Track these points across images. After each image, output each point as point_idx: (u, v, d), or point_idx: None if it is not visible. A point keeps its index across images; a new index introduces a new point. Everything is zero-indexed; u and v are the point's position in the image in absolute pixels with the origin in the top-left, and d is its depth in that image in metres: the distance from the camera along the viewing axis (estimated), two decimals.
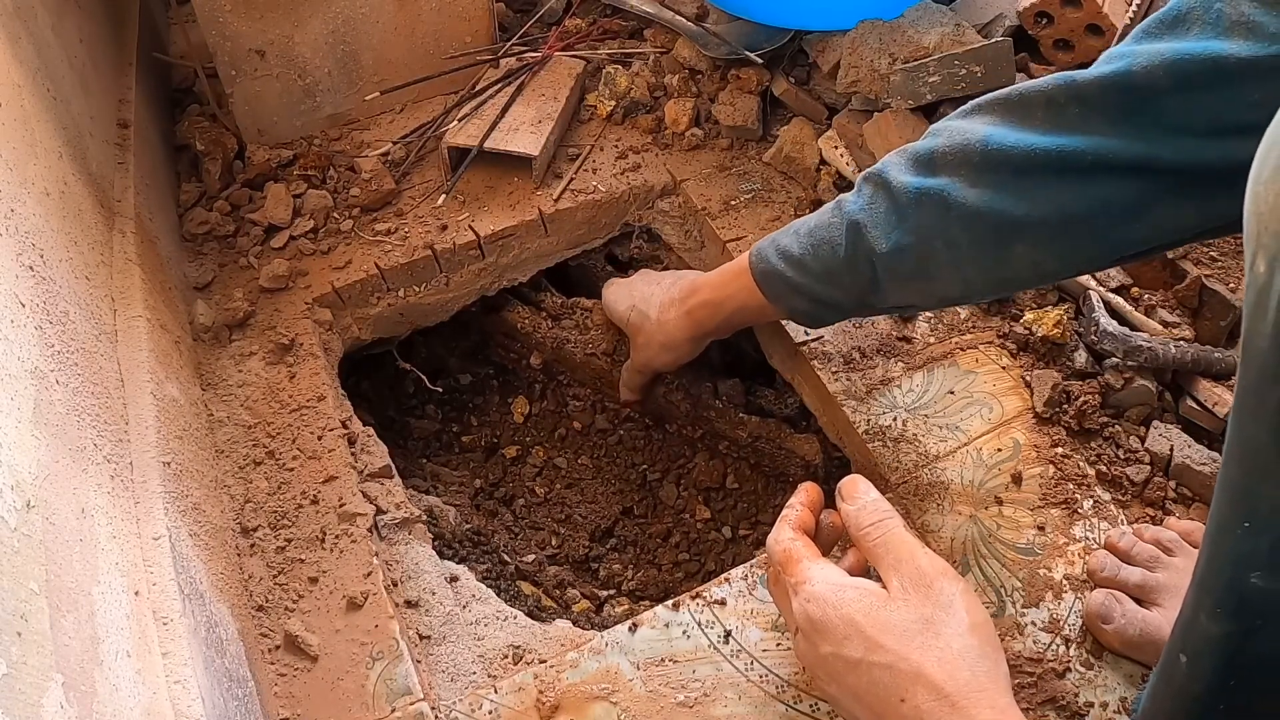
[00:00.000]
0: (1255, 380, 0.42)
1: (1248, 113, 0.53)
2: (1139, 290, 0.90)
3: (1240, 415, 0.44)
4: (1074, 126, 0.63)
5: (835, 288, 0.75)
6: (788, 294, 0.77)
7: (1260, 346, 0.41)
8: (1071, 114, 0.64)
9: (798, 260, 0.76)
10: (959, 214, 0.67)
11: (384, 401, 1.09)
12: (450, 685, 0.71)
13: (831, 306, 0.77)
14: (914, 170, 0.71)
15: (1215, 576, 0.49)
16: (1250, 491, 0.45)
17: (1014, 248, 0.67)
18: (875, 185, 0.73)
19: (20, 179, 0.62)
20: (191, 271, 0.95)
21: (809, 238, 0.75)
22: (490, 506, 1.03)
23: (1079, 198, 0.64)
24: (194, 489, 0.71)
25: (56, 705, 0.42)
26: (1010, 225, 0.66)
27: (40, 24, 0.77)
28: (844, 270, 0.73)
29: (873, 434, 0.83)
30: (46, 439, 0.52)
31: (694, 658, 0.71)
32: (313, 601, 0.73)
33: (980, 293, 0.72)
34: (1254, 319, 0.41)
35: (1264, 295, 0.40)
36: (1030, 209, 0.65)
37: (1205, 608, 0.49)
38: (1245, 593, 0.47)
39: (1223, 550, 0.48)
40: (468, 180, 1.04)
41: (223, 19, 0.97)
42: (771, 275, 0.78)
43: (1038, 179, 0.65)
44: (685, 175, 1.04)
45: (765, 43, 1.05)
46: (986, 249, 0.68)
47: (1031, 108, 0.66)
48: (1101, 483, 0.79)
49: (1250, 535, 0.45)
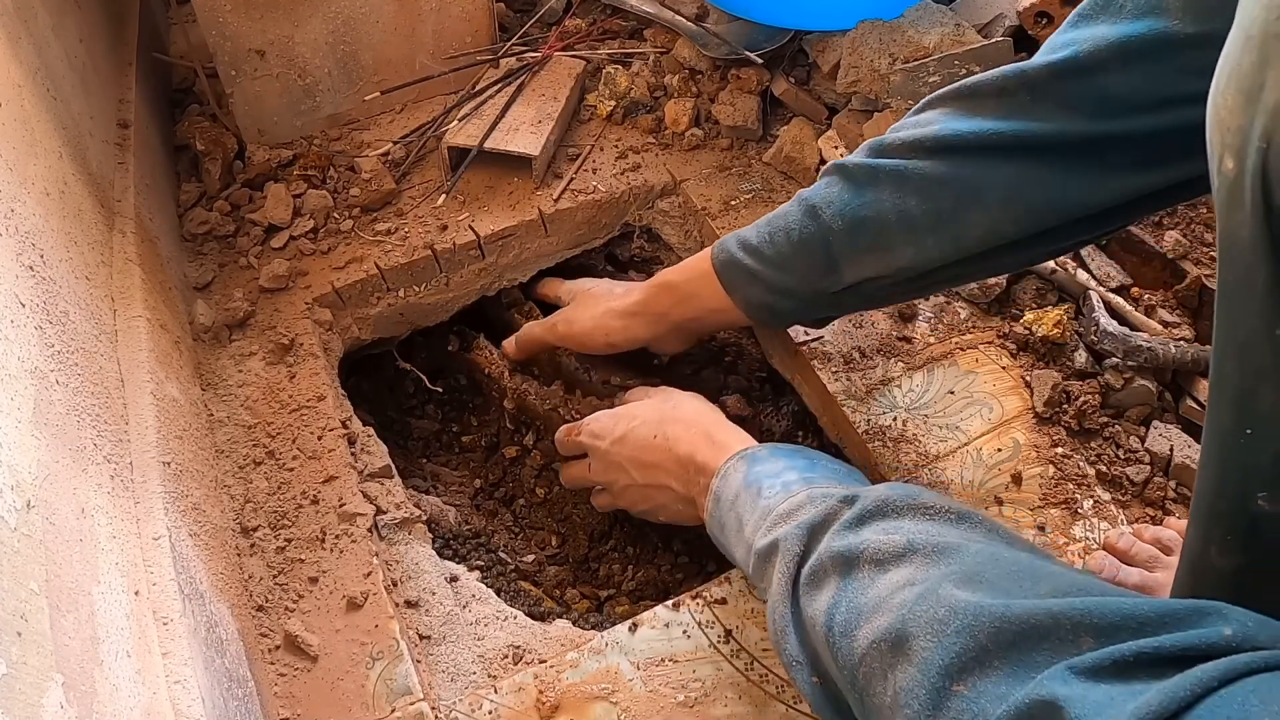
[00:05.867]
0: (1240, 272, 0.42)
1: (1191, 83, 0.57)
2: (1139, 290, 0.90)
3: (1229, 314, 0.44)
4: (1025, 111, 0.67)
5: (790, 273, 0.77)
6: (744, 283, 0.79)
7: (1241, 235, 0.41)
8: (1023, 100, 0.67)
9: (754, 248, 0.78)
10: (916, 185, 0.70)
11: (384, 401, 1.09)
12: (450, 685, 0.71)
13: (785, 294, 0.78)
14: (868, 153, 0.74)
15: (1221, 500, 0.47)
16: (1248, 391, 0.44)
17: (971, 215, 0.69)
18: (832, 172, 0.76)
19: (20, 179, 0.62)
20: (191, 271, 0.95)
21: (767, 226, 0.78)
22: (490, 506, 1.03)
23: (1035, 171, 0.67)
24: (194, 489, 0.71)
25: (56, 705, 0.42)
26: (968, 193, 0.69)
27: (40, 24, 0.77)
28: (799, 253, 0.76)
29: (873, 434, 0.83)
30: (46, 439, 0.52)
31: (694, 658, 0.71)
32: (313, 601, 0.73)
33: (937, 260, 0.73)
34: (1230, 213, 0.42)
35: (1237, 186, 0.41)
36: (986, 179, 0.68)
37: (1215, 539, 0.48)
38: (1255, 516, 0.46)
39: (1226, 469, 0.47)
40: (468, 180, 1.04)
41: (223, 19, 0.97)
42: (729, 264, 0.80)
43: (993, 156, 0.68)
44: (685, 175, 1.04)
45: (765, 43, 1.05)
46: (944, 217, 0.70)
47: (983, 98, 0.69)
48: (1101, 483, 0.79)
49: (1253, 445, 0.44)
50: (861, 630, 0.50)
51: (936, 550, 0.51)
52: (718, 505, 0.71)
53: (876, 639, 0.49)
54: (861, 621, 0.51)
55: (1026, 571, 0.48)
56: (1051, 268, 0.91)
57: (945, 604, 0.47)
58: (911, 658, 0.46)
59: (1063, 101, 0.65)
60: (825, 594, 0.55)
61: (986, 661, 0.43)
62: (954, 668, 0.44)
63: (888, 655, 0.48)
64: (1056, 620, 0.42)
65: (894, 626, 0.48)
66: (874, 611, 0.50)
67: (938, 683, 0.44)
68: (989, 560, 0.49)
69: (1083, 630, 0.42)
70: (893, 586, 0.51)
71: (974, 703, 0.43)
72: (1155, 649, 0.39)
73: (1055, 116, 0.66)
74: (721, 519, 0.70)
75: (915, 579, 0.50)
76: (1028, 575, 0.47)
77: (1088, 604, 0.42)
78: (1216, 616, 0.40)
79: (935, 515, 0.56)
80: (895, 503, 0.57)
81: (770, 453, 0.71)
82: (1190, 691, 0.36)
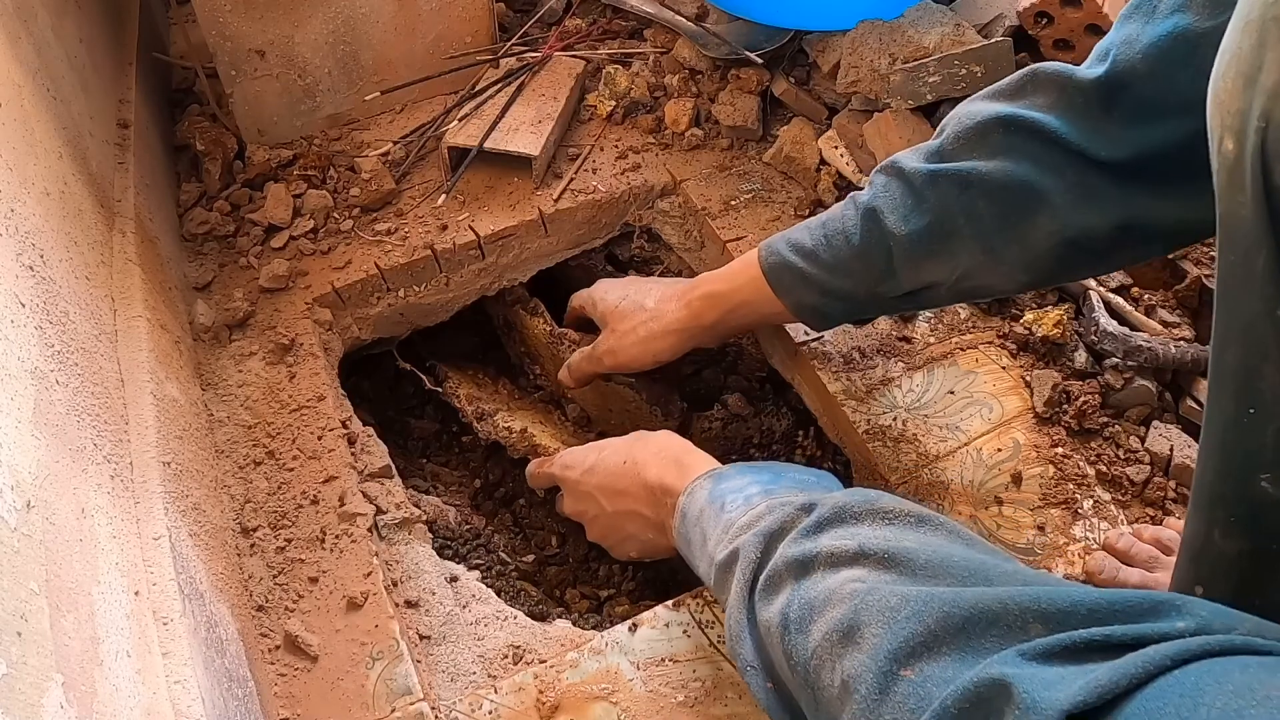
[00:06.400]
0: (1241, 253, 0.42)
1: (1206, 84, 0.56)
2: (1139, 290, 0.90)
3: (1230, 296, 0.44)
4: (1081, 115, 0.65)
5: (847, 278, 0.75)
6: (797, 287, 0.78)
7: (1242, 216, 0.42)
8: (1078, 103, 0.65)
9: (809, 251, 0.76)
10: (981, 188, 0.69)
11: (384, 401, 1.09)
12: (450, 685, 0.71)
13: (841, 299, 0.77)
14: (927, 158, 0.72)
15: (1224, 483, 0.47)
16: (1251, 372, 0.44)
17: (1037, 218, 0.68)
18: (888, 174, 0.74)
19: (20, 179, 0.62)
20: (191, 271, 0.95)
21: (821, 229, 0.76)
22: (490, 507, 1.03)
23: (1097, 179, 0.65)
24: (194, 489, 0.71)
25: (56, 705, 0.42)
26: (1035, 195, 0.67)
27: (40, 24, 0.77)
28: (858, 258, 0.74)
29: (873, 434, 0.83)
30: (46, 439, 0.52)
31: (694, 657, 0.71)
32: (313, 601, 0.73)
33: (1005, 262, 0.71)
34: (1230, 194, 0.42)
35: (1237, 168, 0.41)
36: (1054, 182, 0.66)
37: (1219, 522, 0.48)
38: (1258, 498, 0.45)
39: (1229, 450, 0.47)
40: (468, 180, 1.04)
41: (223, 19, 0.97)
42: (781, 268, 0.78)
43: (1060, 156, 0.66)
44: (685, 175, 1.04)
45: (765, 43, 1.05)
46: (1010, 219, 0.69)
47: (1043, 89, 0.67)
48: (1101, 483, 0.79)
49: (1256, 425, 0.44)
50: (815, 625, 0.51)
51: (890, 553, 0.51)
52: (684, 521, 0.70)
53: (829, 630, 0.49)
54: (815, 616, 0.51)
55: (979, 570, 0.48)
56: None
57: (897, 594, 0.47)
58: (861, 645, 0.46)
59: (1107, 111, 0.64)
60: (780, 597, 0.55)
61: (935, 647, 0.43)
62: (902, 652, 0.44)
63: (838, 645, 0.48)
64: (1005, 607, 0.43)
65: (846, 617, 0.48)
66: (826, 604, 0.51)
67: (885, 667, 0.44)
68: (942, 560, 0.49)
69: (1031, 616, 0.42)
70: (845, 580, 0.51)
71: (920, 686, 0.43)
72: (1106, 637, 0.39)
73: (1103, 127, 0.64)
74: (687, 534, 0.70)
75: (866, 578, 0.50)
76: (980, 576, 0.47)
77: (1037, 592, 0.43)
78: (1170, 608, 0.40)
79: (894, 520, 0.55)
80: (853, 508, 0.57)
81: (738, 471, 0.71)
82: (1143, 669, 0.36)
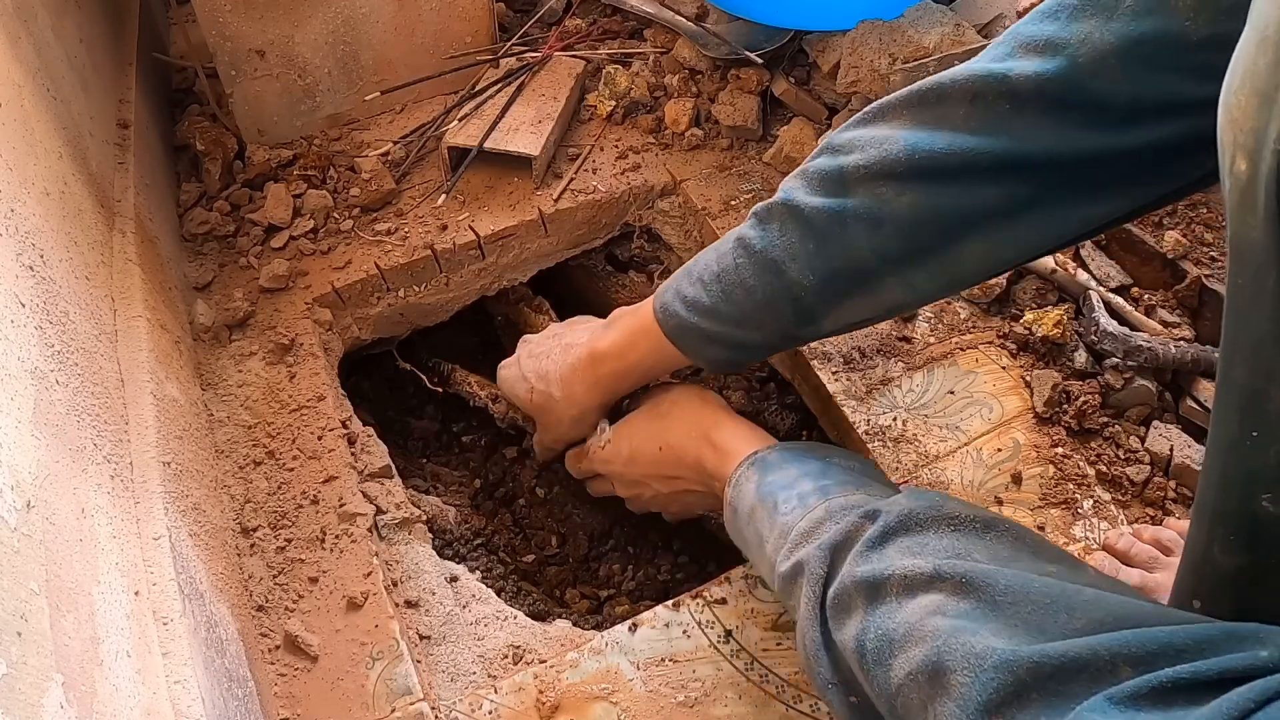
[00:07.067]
0: (1251, 274, 0.42)
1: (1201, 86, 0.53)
2: (1139, 290, 0.90)
3: (1237, 315, 0.44)
4: (1006, 124, 0.60)
5: (755, 330, 0.72)
6: (703, 345, 0.75)
7: (1253, 238, 0.41)
8: (1001, 110, 0.60)
9: (709, 309, 0.72)
10: (893, 227, 0.64)
11: (384, 401, 1.09)
12: (450, 685, 0.71)
13: (751, 349, 0.75)
14: (825, 191, 0.66)
15: (1226, 501, 0.47)
16: (1258, 393, 0.43)
17: (965, 244, 0.65)
18: (782, 216, 0.68)
19: (20, 179, 0.62)
20: (191, 271, 0.95)
21: (716, 284, 0.72)
22: (490, 506, 1.03)
23: (1030, 190, 0.62)
24: (194, 489, 0.71)
25: (56, 705, 0.42)
26: (959, 223, 0.63)
27: (40, 24, 0.77)
28: (763, 311, 0.71)
29: (873, 434, 0.83)
30: (46, 439, 0.52)
31: (694, 658, 0.71)
32: (313, 601, 0.73)
33: (933, 293, 0.70)
34: (1241, 215, 0.41)
35: (1250, 189, 0.40)
36: (977, 204, 0.62)
37: (1218, 538, 0.48)
38: (1259, 517, 0.45)
39: (1231, 469, 0.46)
40: (468, 180, 1.04)
41: (223, 19, 0.97)
42: (684, 330, 0.75)
43: (979, 178, 0.62)
44: (685, 175, 1.04)
45: (765, 43, 1.05)
46: (933, 253, 0.65)
47: (950, 104, 0.62)
48: (1101, 483, 0.79)
49: (1260, 446, 0.44)
50: (896, 660, 0.50)
51: (966, 577, 0.50)
52: (735, 517, 0.70)
53: (913, 670, 0.48)
54: (895, 650, 0.50)
55: (1060, 601, 0.47)
56: (1051, 267, 0.91)
57: (982, 640, 0.46)
58: (950, 691, 0.46)
59: (1052, 112, 0.59)
60: (853, 620, 0.54)
61: (1024, 695, 0.43)
62: (992, 703, 0.44)
63: (925, 687, 0.47)
64: (1095, 653, 0.42)
65: (929, 659, 0.47)
66: (906, 640, 0.50)
67: (976, 717, 0.44)
68: (1021, 592, 0.48)
69: (1121, 660, 0.42)
70: (922, 611, 0.50)
71: None
72: (1192, 674, 0.39)
73: (1043, 130, 0.59)
74: (741, 532, 0.70)
75: (945, 608, 0.49)
76: (1062, 605, 0.46)
77: (1125, 637, 0.42)
78: (1254, 640, 0.40)
79: (960, 526, 0.54)
80: (919, 516, 0.55)
81: (781, 458, 0.69)
82: (1226, 715, 0.36)
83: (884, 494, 0.65)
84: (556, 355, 0.87)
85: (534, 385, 0.87)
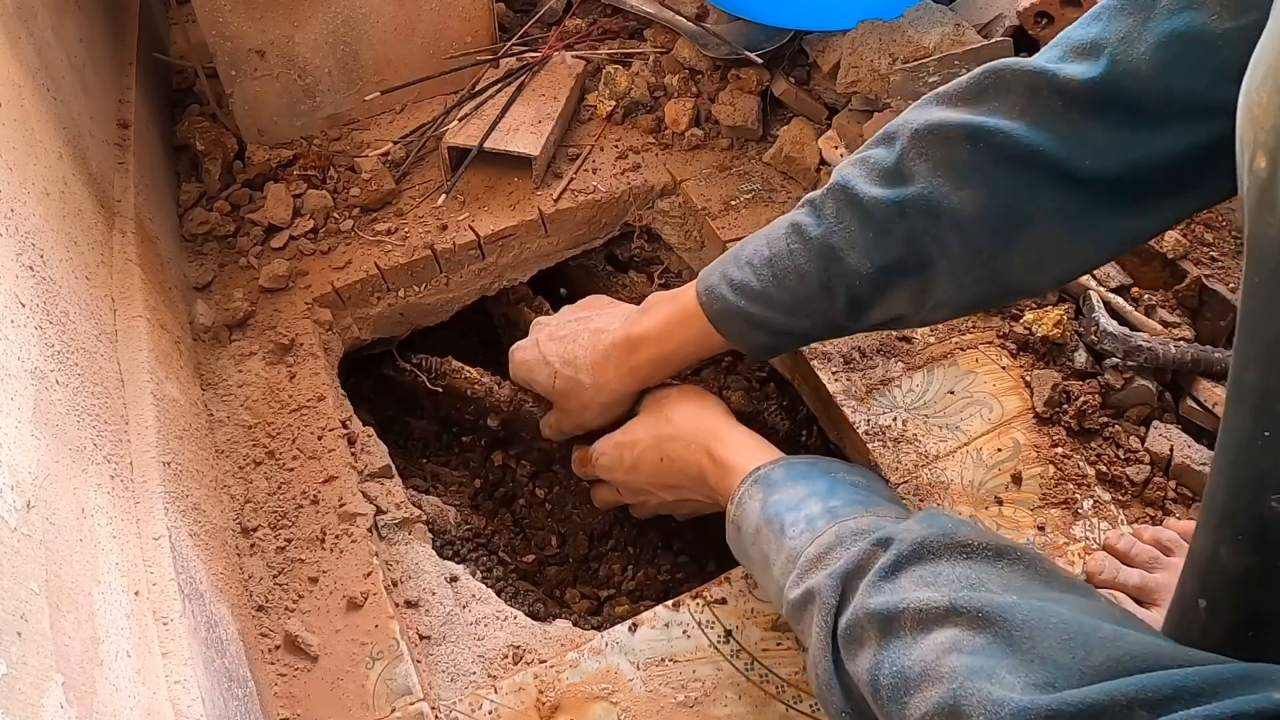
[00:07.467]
0: (1268, 274, 0.41)
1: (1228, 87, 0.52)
2: (1139, 290, 0.90)
3: (1253, 316, 0.43)
4: (1058, 124, 0.61)
5: (804, 317, 0.72)
6: (748, 330, 0.74)
7: (1271, 236, 0.41)
8: (1055, 106, 0.61)
9: (759, 294, 0.72)
10: (951, 220, 0.64)
11: (384, 401, 1.09)
12: (450, 685, 0.71)
13: (794, 336, 0.75)
14: (884, 181, 0.66)
15: (1235, 501, 0.47)
16: (1271, 394, 0.43)
17: (1014, 250, 0.65)
18: (839, 203, 0.68)
19: (20, 179, 0.62)
20: (191, 271, 0.95)
21: (768, 268, 0.71)
22: (490, 506, 1.03)
23: (1077, 198, 0.62)
24: (194, 489, 0.71)
25: (56, 705, 0.42)
26: (1011, 225, 0.63)
27: (40, 24, 0.77)
28: (816, 298, 0.70)
29: (873, 434, 0.83)
30: (46, 439, 0.52)
31: (694, 658, 0.71)
32: (313, 601, 0.73)
33: (973, 301, 0.70)
34: (1259, 214, 0.41)
35: (1269, 188, 0.40)
36: (1028, 206, 0.63)
37: (1226, 539, 0.48)
38: (1267, 517, 0.45)
39: (1242, 470, 0.46)
40: (468, 180, 1.04)
41: (223, 19, 0.97)
42: (730, 314, 0.74)
43: (1034, 177, 0.62)
44: (685, 175, 1.04)
45: (765, 43, 1.05)
46: (985, 252, 0.65)
47: (1011, 96, 0.62)
48: (1101, 483, 0.79)
49: (1272, 447, 0.44)
50: (912, 699, 0.49)
51: (981, 612, 0.50)
52: (740, 536, 0.70)
53: (929, 710, 0.48)
54: (911, 689, 0.50)
55: (1078, 637, 0.47)
56: None
57: (1000, 684, 0.46)
58: None
59: (1096, 113, 0.59)
60: (866, 653, 0.54)
61: None
62: None
63: None
64: (1112, 699, 0.42)
65: (946, 701, 0.47)
66: (922, 679, 0.49)
67: None
68: (1038, 626, 0.48)
69: (1137, 705, 0.41)
70: (938, 649, 0.49)
71: None
72: (1204, 717, 0.39)
73: (1089, 133, 0.60)
74: (746, 551, 0.69)
75: (961, 644, 0.49)
76: (1080, 641, 0.46)
77: (1141, 681, 0.42)
78: (1267, 682, 0.40)
79: (973, 554, 0.54)
80: (931, 544, 0.55)
81: (785, 475, 0.68)
82: None
83: (892, 514, 0.64)
84: (585, 339, 0.84)
85: (558, 370, 0.85)
